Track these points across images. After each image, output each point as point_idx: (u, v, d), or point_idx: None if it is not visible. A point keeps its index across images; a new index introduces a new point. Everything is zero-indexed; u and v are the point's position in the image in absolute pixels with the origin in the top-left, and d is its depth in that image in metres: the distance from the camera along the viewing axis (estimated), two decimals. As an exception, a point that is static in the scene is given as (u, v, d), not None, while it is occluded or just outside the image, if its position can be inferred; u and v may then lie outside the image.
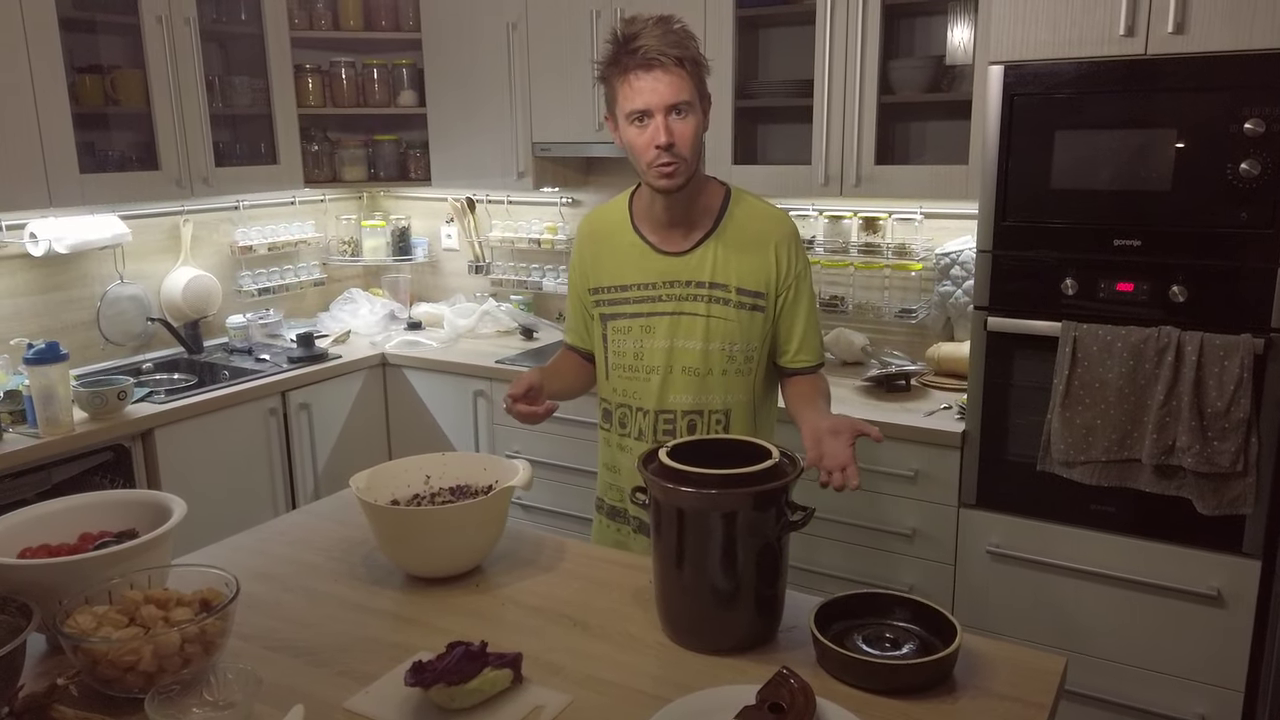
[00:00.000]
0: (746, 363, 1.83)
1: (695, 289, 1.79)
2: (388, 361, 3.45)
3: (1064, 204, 2.26)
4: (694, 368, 1.81)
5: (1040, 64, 2.24)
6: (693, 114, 1.68)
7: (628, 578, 1.64)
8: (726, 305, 1.79)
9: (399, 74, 3.59)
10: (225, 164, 3.23)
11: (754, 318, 1.80)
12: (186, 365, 3.30)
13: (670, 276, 1.81)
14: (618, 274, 1.85)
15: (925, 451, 2.50)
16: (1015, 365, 2.38)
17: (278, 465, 3.13)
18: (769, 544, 1.39)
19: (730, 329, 1.80)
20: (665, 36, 1.65)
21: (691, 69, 1.67)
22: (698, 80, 1.69)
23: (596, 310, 1.90)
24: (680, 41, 1.66)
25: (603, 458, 1.97)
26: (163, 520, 1.54)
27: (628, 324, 1.84)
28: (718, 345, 1.80)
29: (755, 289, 1.79)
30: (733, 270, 1.79)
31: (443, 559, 1.61)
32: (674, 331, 1.81)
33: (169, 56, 2.97)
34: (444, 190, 3.79)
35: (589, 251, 1.91)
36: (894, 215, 3.00)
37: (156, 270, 3.36)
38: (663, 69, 1.64)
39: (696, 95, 1.69)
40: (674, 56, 1.64)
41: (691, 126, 1.69)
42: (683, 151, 1.69)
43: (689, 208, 1.79)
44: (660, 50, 1.63)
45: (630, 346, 1.84)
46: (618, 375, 1.87)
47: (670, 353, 1.81)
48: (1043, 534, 2.39)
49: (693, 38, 1.70)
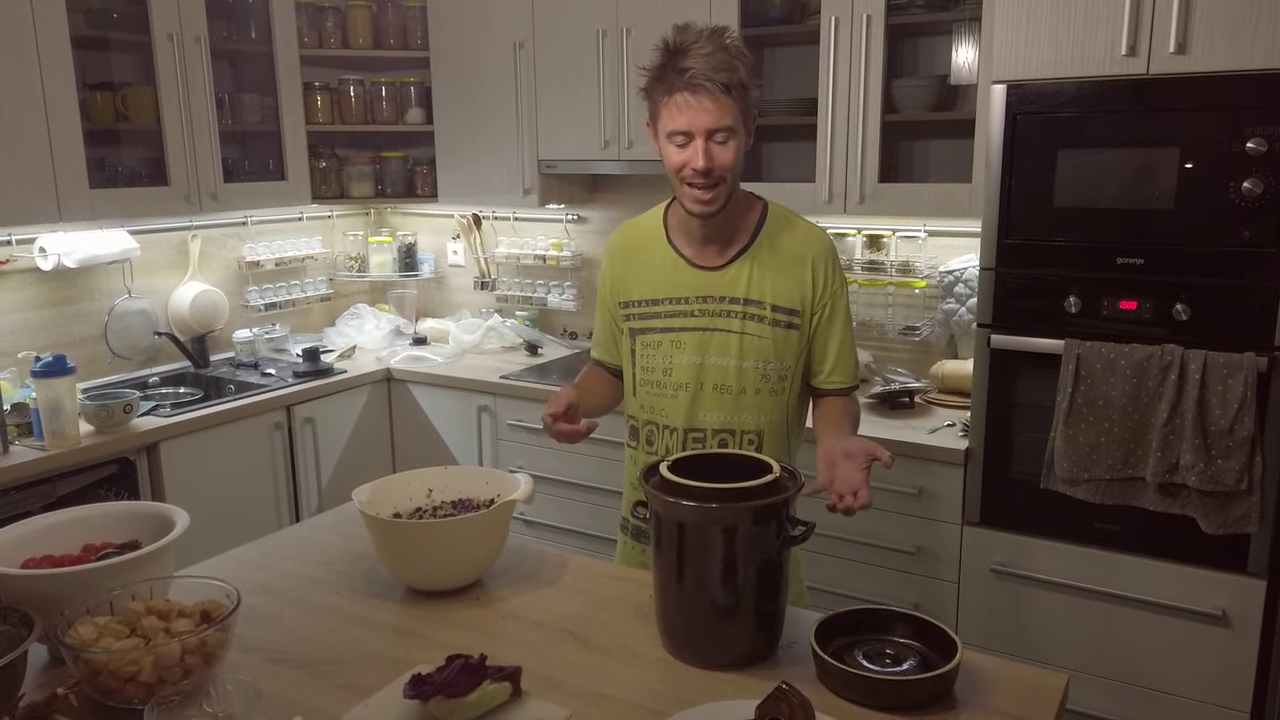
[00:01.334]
0: (780, 382, 1.78)
1: (729, 305, 1.76)
2: (393, 376, 3.46)
3: (1067, 222, 2.26)
4: (727, 385, 1.76)
5: (1043, 83, 2.25)
6: (735, 139, 1.65)
7: (629, 593, 1.63)
8: (761, 323, 1.75)
9: (407, 92, 3.62)
10: (234, 180, 3.26)
11: (789, 336, 1.76)
12: (193, 379, 3.32)
13: (704, 292, 1.77)
14: (649, 287, 1.82)
15: (929, 469, 2.50)
16: (1019, 383, 2.37)
17: (282, 479, 3.14)
18: (769, 559, 1.39)
19: (765, 347, 1.75)
20: (715, 57, 1.60)
21: (739, 94, 1.63)
22: (744, 104, 1.65)
23: (626, 325, 1.85)
24: (729, 64, 1.61)
25: (629, 476, 1.92)
26: (165, 532, 1.54)
27: (657, 339, 1.80)
28: (751, 363, 1.76)
29: (791, 306, 1.76)
30: (768, 287, 1.75)
31: (443, 572, 1.61)
32: (705, 348, 1.77)
33: (180, 74, 3.00)
34: (450, 207, 3.81)
35: (620, 264, 1.88)
36: (898, 233, 3.01)
37: (164, 285, 3.39)
38: (709, 94, 1.60)
39: (741, 119, 1.65)
40: (721, 83, 1.60)
41: (732, 151, 1.65)
42: (720, 175, 1.66)
43: (725, 223, 1.76)
44: (708, 75, 1.59)
45: (659, 362, 1.80)
46: (645, 391, 1.83)
47: (701, 369, 1.77)
48: (1046, 552, 2.39)
49: (744, 56, 1.65)
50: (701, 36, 1.63)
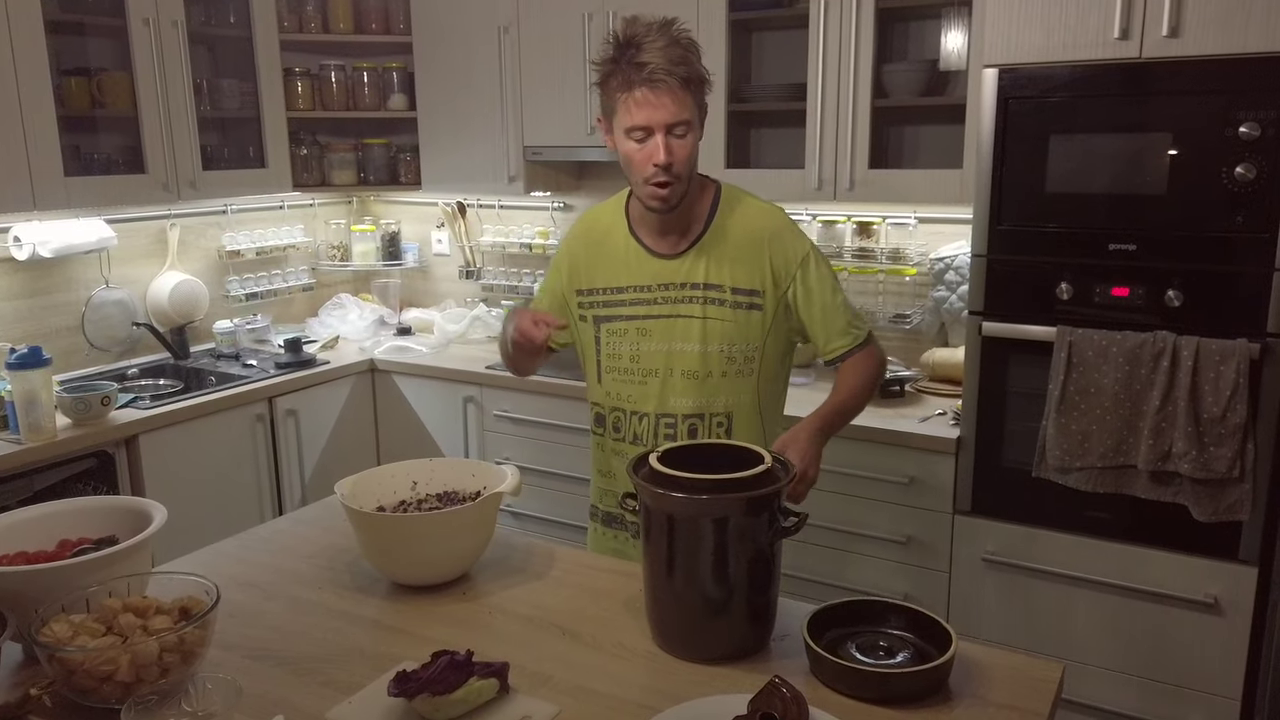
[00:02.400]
0: (747, 363, 1.80)
1: (690, 291, 1.78)
2: (376, 367, 3.41)
3: (1059, 208, 2.24)
4: (693, 371, 1.78)
5: (1034, 67, 2.22)
6: (692, 133, 1.67)
7: (620, 585, 1.61)
8: (722, 306, 1.77)
9: (389, 77, 3.57)
10: (213, 167, 3.20)
11: (751, 317, 1.77)
12: (172, 371, 3.26)
13: (664, 279, 1.79)
14: (612, 276, 1.83)
15: (920, 458, 2.48)
16: (1010, 371, 2.36)
17: (264, 472, 3.09)
18: (761, 550, 1.36)
19: (728, 330, 1.77)
20: (670, 51, 1.61)
21: (696, 87, 1.65)
22: (699, 98, 1.67)
23: (589, 313, 1.87)
24: (684, 57, 1.62)
25: (596, 464, 1.94)
26: (143, 527, 1.50)
27: (623, 326, 1.82)
28: (716, 347, 1.78)
29: (750, 287, 1.77)
30: (725, 270, 1.77)
31: (429, 567, 1.58)
32: (670, 334, 1.79)
33: (156, 59, 2.94)
34: (435, 195, 3.76)
35: (583, 253, 1.89)
36: (888, 220, 2.98)
37: (143, 275, 3.33)
38: (667, 89, 1.61)
39: (697, 113, 1.67)
40: (680, 77, 1.61)
41: (689, 145, 1.67)
42: (680, 171, 1.67)
43: (682, 212, 1.77)
44: (667, 70, 1.60)
45: (626, 349, 1.82)
46: (612, 379, 1.85)
47: (669, 356, 1.79)
48: (1038, 541, 2.37)
49: (695, 48, 1.66)
50: (653, 29, 1.62)
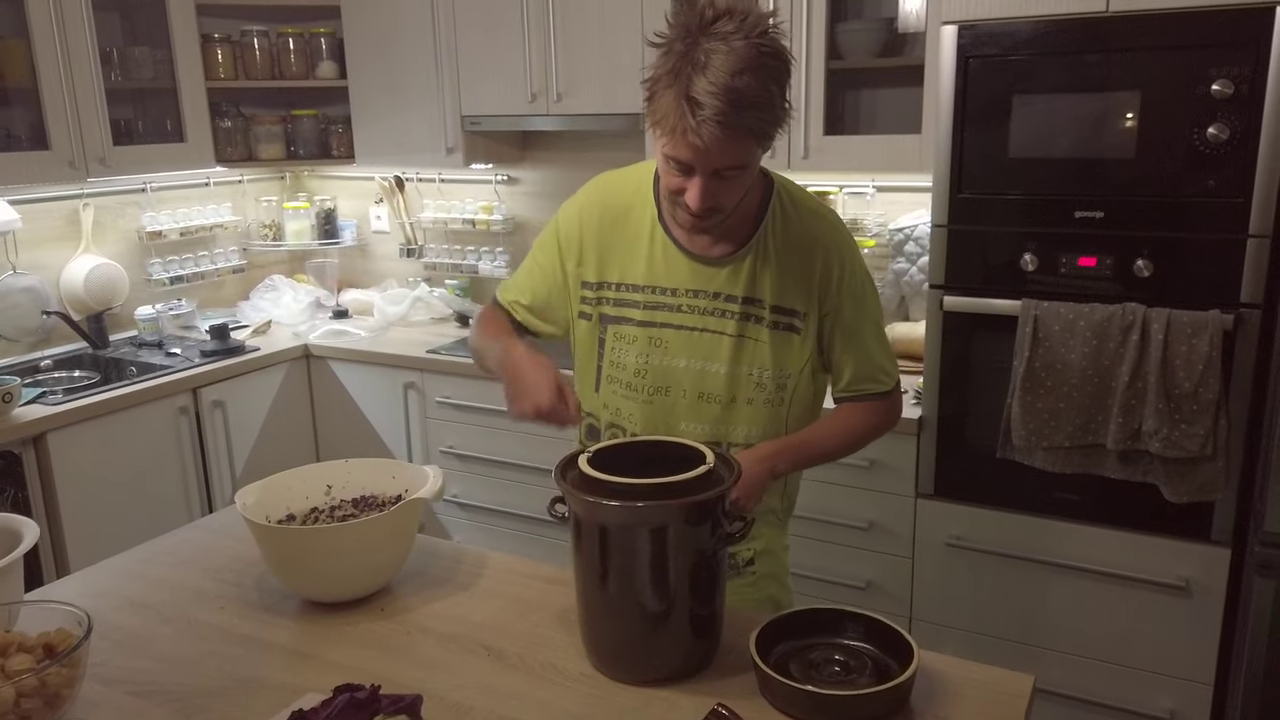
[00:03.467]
0: (778, 392, 1.51)
1: (726, 303, 1.48)
2: (311, 353, 3.23)
3: (1022, 174, 2.12)
4: (716, 394, 1.51)
5: (996, 23, 2.08)
6: (745, 174, 1.36)
7: (553, 596, 1.47)
8: (760, 324, 1.48)
9: (317, 44, 3.35)
10: (125, 142, 2.98)
11: (789, 340, 1.49)
12: (90, 362, 3.06)
13: (697, 286, 1.49)
14: (629, 269, 1.53)
15: (880, 440, 2.35)
16: (973, 347, 2.24)
17: (191, 470, 2.90)
18: (704, 560, 1.23)
19: (762, 352, 1.49)
20: (742, 82, 1.23)
21: (763, 135, 1.31)
22: (767, 140, 1.33)
23: (595, 310, 1.56)
24: (758, 98, 1.25)
25: None
26: (14, 546, 1.34)
27: (633, 332, 1.53)
28: (747, 369, 1.50)
29: (791, 306, 1.48)
30: (769, 284, 1.47)
31: (341, 582, 1.43)
32: (693, 350, 1.50)
33: (56, 25, 2.70)
34: (370, 169, 3.56)
35: (594, 233, 1.55)
36: (845, 189, 2.84)
37: (54, 259, 3.10)
38: (723, 134, 1.25)
39: (759, 151, 1.34)
40: (744, 127, 1.27)
41: (739, 188, 1.37)
42: (720, 211, 1.38)
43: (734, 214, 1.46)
44: (726, 116, 1.24)
45: (631, 360, 1.53)
46: (612, 390, 1.56)
47: (686, 374, 1.51)
48: (1004, 524, 2.27)
49: (781, 76, 1.29)
50: (732, 39, 1.24)
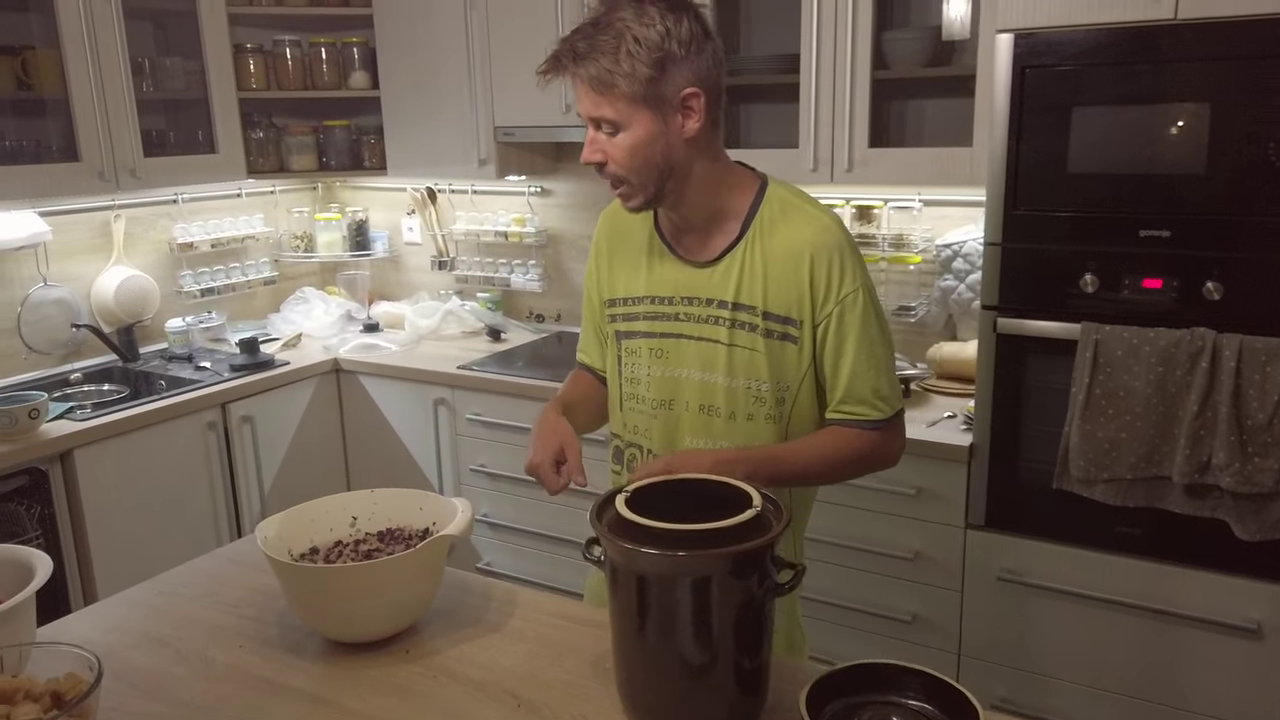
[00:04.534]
0: (778, 406, 1.46)
1: (717, 309, 1.46)
2: (341, 367, 3.18)
3: (1083, 190, 2.01)
4: (715, 407, 1.47)
5: (1056, 32, 1.98)
6: (625, 131, 1.37)
7: (586, 640, 1.39)
8: (753, 332, 1.44)
9: (349, 54, 3.30)
10: (157, 154, 2.95)
11: (785, 350, 1.44)
12: (120, 375, 3.03)
13: (690, 292, 1.47)
14: (632, 282, 1.53)
15: (928, 466, 2.26)
16: (1029, 371, 2.13)
17: (219, 487, 2.86)
18: (750, 612, 1.14)
19: (757, 362, 1.45)
20: (587, 41, 1.35)
21: (612, 90, 1.35)
22: (630, 95, 1.35)
23: (611, 326, 1.56)
24: (588, 54, 1.35)
25: None
26: (26, 581, 1.28)
27: (637, 345, 1.52)
28: (742, 381, 1.46)
29: (784, 313, 1.43)
30: (759, 288, 1.43)
31: (365, 623, 1.36)
32: (690, 359, 1.48)
33: (88, 35, 2.68)
34: (402, 180, 3.51)
35: (606, 252, 1.59)
36: (890, 203, 2.74)
37: (86, 271, 3.08)
38: (579, 80, 1.37)
39: (630, 110, 1.36)
40: (584, 77, 1.36)
41: (625, 145, 1.38)
42: (617, 172, 1.40)
43: (705, 209, 1.46)
44: (572, 62, 1.36)
45: (642, 374, 1.52)
46: (631, 407, 1.54)
47: (682, 385, 1.49)
48: (1060, 558, 2.15)
49: (621, 49, 1.34)
50: (596, 13, 1.37)
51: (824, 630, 2.44)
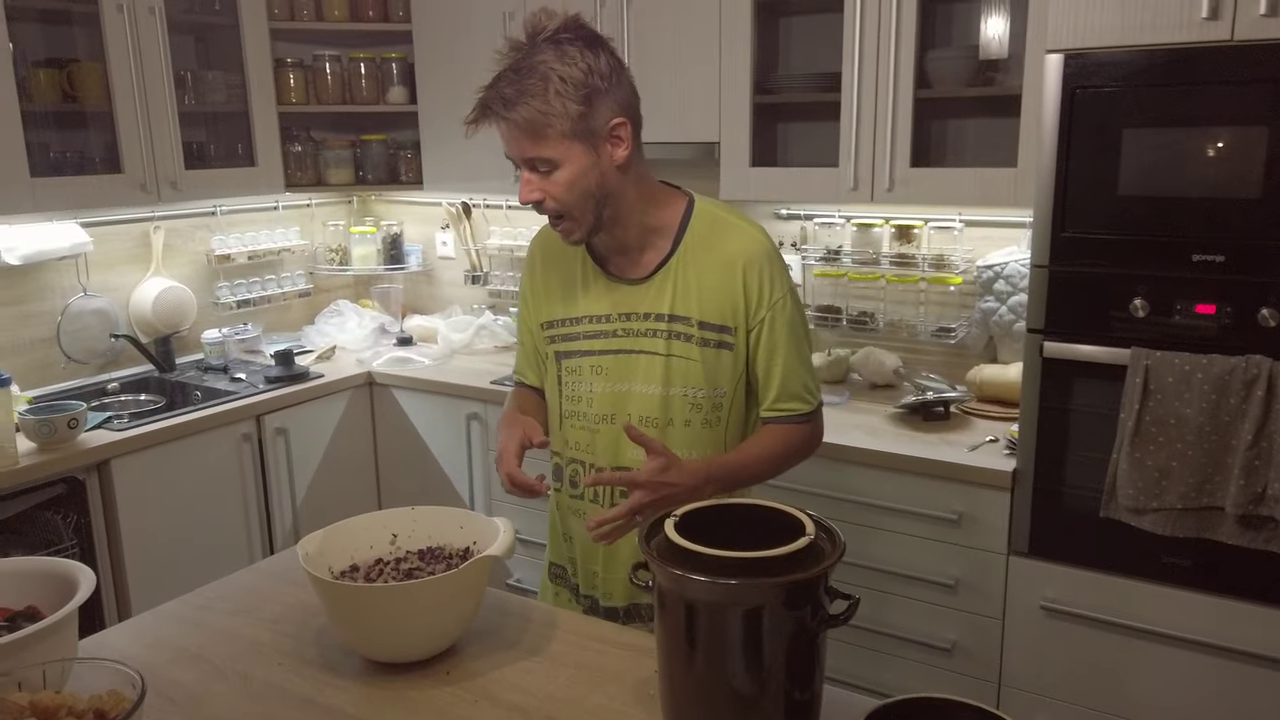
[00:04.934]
0: (714, 411, 1.55)
1: (654, 323, 1.53)
2: (374, 381, 3.18)
3: (1133, 213, 1.97)
4: (652, 417, 1.54)
5: (1107, 52, 1.95)
6: (563, 168, 1.43)
7: (628, 664, 1.36)
8: (689, 342, 1.52)
9: (388, 69, 3.33)
10: (197, 166, 2.97)
11: (720, 357, 1.52)
12: (156, 385, 3.05)
13: (626, 308, 1.55)
14: (569, 304, 1.60)
15: (969, 491, 2.22)
16: (1075, 395, 2.08)
17: (252, 497, 2.86)
18: (803, 643, 1.11)
19: (693, 371, 1.52)
20: (513, 86, 1.39)
21: (538, 133, 1.40)
22: (563, 133, 1.41)
23: (550, 348, 1.63)
24: (517, 99, 1.38)
25: (552, 522, 1.72)
26: (70, 594, 1.28)
27: (578, 363, 1.59)
28: (679, 390, 1.53)
29: (720, 322, 1.52)
30: (694, 300, 1.52)
31: (404, 643, 1.34)
32: (629, 373, 1.55)
33: (132, 49, 2.71)
34: (438, 194, 3.52)
35: (540, 275, 1.66)
36: (930, 223, 2.71)
37: (125, 282, 3.11)
38: (510, 125, 1.41)
39: (564, 147, 1.41)
40: (517, 122, 1.40)
41: (563, 181, 1.43)
42: (556, 207, 1.46)
43: (637, 229, 1.53)
44: (502, 109, 1.40)
45: (584, 391, 1.59)
46: (571, 424, 1.61)
47: (624, 399, 1.55)
48: (1106, 588, 2.10)
49: (549, 90, 1.39)
50: (516, 49, 1.43)
51: (862, 656, 2.40)
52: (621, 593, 1.62)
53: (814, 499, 2.36)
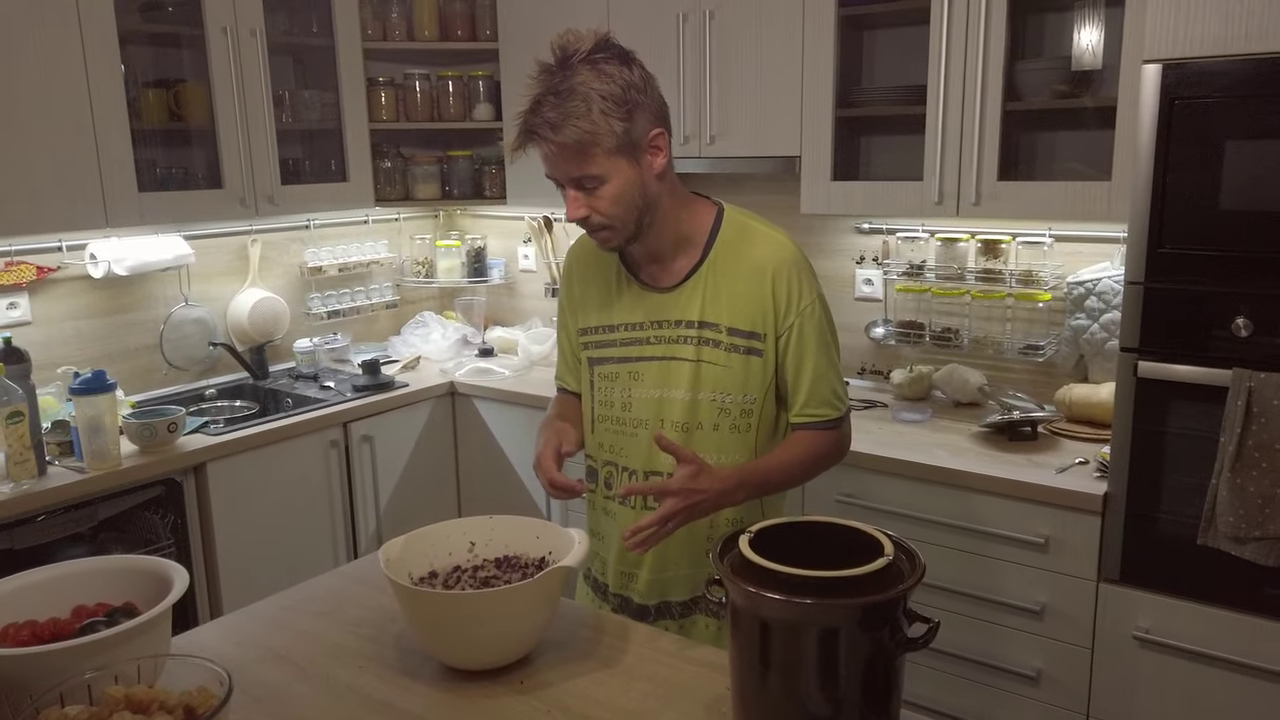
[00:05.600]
0: (744, 417, 1.57)
1: (684, 329, 1.57)
2: (456, 390, 3.24)
3: (1236, 229, 1.89)
4: (680, 422, 1.57)
5: (1208, 62, 1.87)
6: (609, 183, 1.46)
7: (701, 681, 1.35)
8: (717, 348, 1.55)
9: (475, 87, 3.40)
10: (293, 181, 3.09)
11: (750, 363, 1.55)
12: (250, 392, 3.16)
13: (658, 315, 1.59)
14: (604, 312, 1.65)
15: (1058, 515, 2.15)
16: (1171, 417, 2.00)
17: (338, 502, 2.95)
18: (880, 666, 1.09)
19: (722, 376, 1.55)
20: (555, 110, 1.41)
21: (585, 152, 1.42)
22: (609, 150, 1.44)
23: (585, 354, 1.68)
24: (562, 122, 1.40)
25: (589, 523, 1.74)
26: (165, 591, 1.33)
27: (614, 370, 1.63)
28: (707, 395, 1.56)
29: (749, 329, 1.55)
30: (724, 306, 1.55)
31: (479, 650, 1.36)
32: (663, 379, 1.59)
33: (234, 70, 2.83)
34: (521, 208, 3.58)
35: (578, 284, 1.70)
36: (1018, 238, 2.64)
37: (223, 292, 3.24)
38: (557, 147, 1.43)
39: (610, 163, 1.45)
40: (565, 143, 1.42)
41: (610, 195, 1.47)
42: (601, 221, 1.50)
43: (669, 237, 1.57)
44: (550, 132, 1.42)
45: (617, 396, 1.63)
46: (604, 428, 1.66)
47: (659, 404, 1.59)
48: (1204, 619, 2.01)
49: (594, 110, 1.41)
50: (547, 76, 1.44)
51: (943, 682, 2.34)
52: (651, 590, 1.65)
53: (894, 518, 2.31)
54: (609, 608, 1.70)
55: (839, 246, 2.99)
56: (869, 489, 2.37)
